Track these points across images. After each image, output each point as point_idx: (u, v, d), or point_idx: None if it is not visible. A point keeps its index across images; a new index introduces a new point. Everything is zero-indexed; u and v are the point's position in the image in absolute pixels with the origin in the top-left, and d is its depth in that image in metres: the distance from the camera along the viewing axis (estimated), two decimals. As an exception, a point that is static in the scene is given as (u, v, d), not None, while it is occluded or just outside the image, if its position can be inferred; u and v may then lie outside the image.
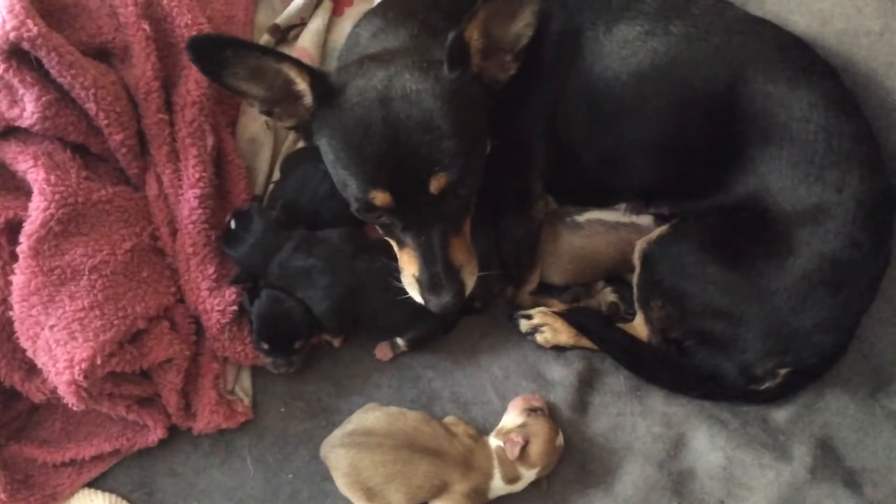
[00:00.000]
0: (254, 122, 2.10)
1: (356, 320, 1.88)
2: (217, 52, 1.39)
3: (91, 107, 1.75)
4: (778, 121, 1.67)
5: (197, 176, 1.84)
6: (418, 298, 1.57)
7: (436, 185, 1.42)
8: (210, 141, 1.88)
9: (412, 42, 1.58)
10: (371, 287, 1.80)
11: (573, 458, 1.83)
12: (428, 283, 1.52)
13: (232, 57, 1.39)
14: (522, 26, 1.47)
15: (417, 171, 1.42)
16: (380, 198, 1.44)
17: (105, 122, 1.78)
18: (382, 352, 1.96)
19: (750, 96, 1.68)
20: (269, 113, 1.52)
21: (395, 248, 1.62)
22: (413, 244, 1.53)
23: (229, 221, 1.84)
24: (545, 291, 2.04)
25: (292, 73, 1.44)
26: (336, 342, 1.97)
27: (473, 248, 1.63)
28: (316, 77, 1.45)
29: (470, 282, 1.58)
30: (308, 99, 1.48)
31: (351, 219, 1.68)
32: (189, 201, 1.84)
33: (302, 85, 1.45)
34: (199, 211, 1.83)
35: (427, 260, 1.51)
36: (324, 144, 1.51)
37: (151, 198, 1.89)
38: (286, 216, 1.87)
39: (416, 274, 1.54)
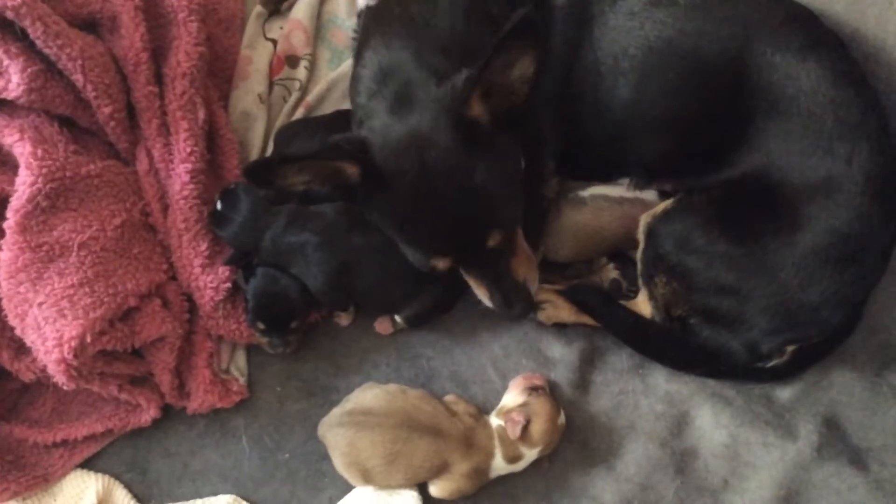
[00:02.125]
0: (247, 96, 2.07)
1: (352, 296, 1.85)
2: (273, 172, 1.43)
3: (78, 78, 1.71)
4: (786, 93, 1.65)
5: (188, 150, 1.79)
6: (493, 308, 1.70)
7: (493, 240, 1.54)
8: (201, 114, 1.84)
9: (426, 101, 1.51)
10: (367, 262, 1.76)
11: (574, 437, 1.82)
12: (500, 303, 1.66)
13: (288, 169, 1.43)
14: (524, 69, 1.44)
15: (473, 236, 1.53)
16: (441, 263, 1.55)
17: (93, 94, 1.74)
18: (382, 326, 1.93)
19: (757, 68, 1.66)
20: (306, 189, 1.52)
21: (462, 273, 1.68)
22: (478, 276, 1.66)
23: (215, 202, 1.80)
24: (547, 268, 1.98)
25: (342, 166, 1.47)
26: (343, 320, 1.94)
27: (531, 252, 1.74)
28: (364, 163, 1.47)
29: (534, 286, 1.71)
30: (356, 179, 1.50)
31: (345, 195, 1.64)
32: (180, 176, 1.80)
33: (351, 170, 1.48)
34: (191, 186, 1.79)
35: (496, 286, 1.64)
36: (375, 218, 1.58)
37: (142, 172, 1.86)
38: (275, 193, 1.80)
39: (487, 295, 1.67)
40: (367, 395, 1.73)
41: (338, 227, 1.76)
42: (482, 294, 1.68)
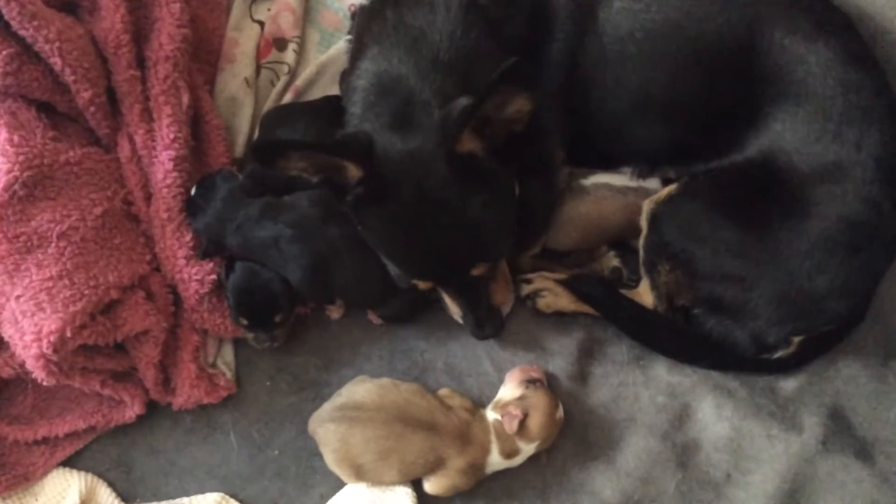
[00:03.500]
0: (233, 80, 2.02)
1: (331, 290, 1.80)
2: (280, 154, 1.40)
3: (56, 62, 1.66)
4: (795, 76, 1.63)
5: (172, 136, 1.75)
6: (461, 323, 1.73)
7: (477, 271, 1.57)
8: (185, 99, 1.80)
9: (425, 125, 1.48)
10: (344, 254, 1.70)
11: (573, 431, 1.79)
12: (472, 324, 1.69)
13: (294, 154, 1.40)
14: (520, 107, 1.44)
15: (457, 265, 1.55)
16: (423, 285, 1.60)
17: (72, 78, 1.69)
18: (371, 315, 1.90)
19: (765, 51, 1.64)
20: (300, 177, 1.49)
21: (438, 290, 1.70)
22: (455, 297, 1.68)
23: (191, 189, 1.75)
24: (547, 256, 1.98)
25: (349, 166, 1.45)
26: (334, 313, 1.91)
27: (510, 276, 1.79)
28: (370, 169, 1.45)
29: (508, 309, 1.78)
30: (354, 178, 1.47)
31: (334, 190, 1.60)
32: (164, 164, 1.75)
33: (354, 171, 1.46)
34: (175, 174, 1.74)
35: (471, 308, 1.67)
36: (364, 225, 1.57)
37: (124, 160, 1.80)
38: (253, 183, 1.76)
39: (460, 314, 1.70)
40: (359, 390, 1.70)
41: (312, 219, 1.70)
42: (454, 311, 1.72)
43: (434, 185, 1.45)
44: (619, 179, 1.92)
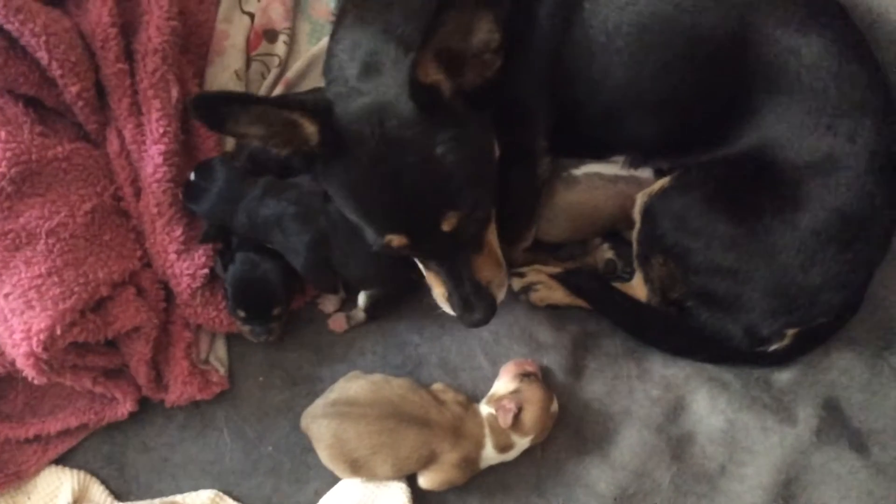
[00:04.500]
0: (223, 73, 2.00)
1: (332, 268, 1.78)
2: (224, 108, 1.34)
3: (43, 56, 1.64)
4: (787, 68, 1.61)
5: (161, 130, 1.73)
6: (451, 313, 1.59)
7: (448, 224, 1.42)
8: (175, 92, 1.77)
9: (391, 69, 1.47)
10: (343, 231, 1.68)
11: (568, 424, 1.79)
12: (458, 304, 1.55)
13: (238, 110, 1.34)
14: (485, 34, 1.36)
15: (427, 215, 1.42)
16: (395, 241, 1.45)
17: (59, 72, 1.67)
18: (337, 323, 1.88)
19: (758, 43, 1.61)
20: (264, 145, 1.45)
21: (422, 267, 1.61)
22: (437, 269, 1.55)
23: (189, 175, 1.74)
24: (539, 248, 1.96)
25: (301, 120, 1.39)
26: (329, 305, 1.89)
27: (501, 257, 1.63)
28: (324, 122, 1.40)
29: (500, 293, 1.59)
30: (314, 140, 1.42)
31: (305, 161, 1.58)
32: (153, 158, 1.73)
33: (310, 129, 1.40)
34: (165, 168, 1.73)
35: (454, 283, 1.53)
36: (331, 189, 1.50)
37: (113, 155, 1.79)
38: (253, 164, 1.76)
39: (445, 294, 1.57)
40: (352, 386, 1.69)
41: (314, 196, 1.70)
42: (440, 295, 1.59)
43: (396, 123, 1.38)
44: (611, 168, 1.90)
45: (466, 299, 1.53)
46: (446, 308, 1.60)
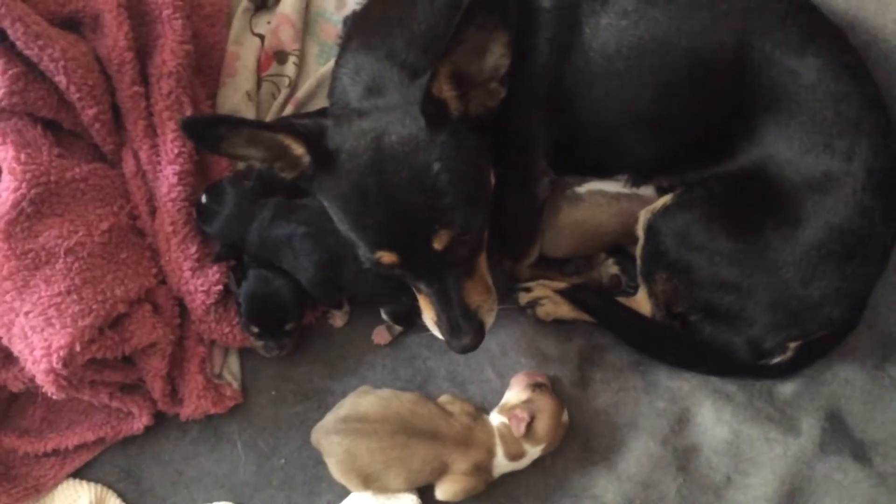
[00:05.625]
0: (235, 94, 2.03)
1: (343, 290, 1.81)
2: (211, 131, 1.38)
3: (61, 80, 1.68)
4: (786, 89, 1.63)
5: (176, 151, 1.77)
6: (440, 337, 1.59)
7: (439, 242, 1.42)
8: (189, 113, 1.81)
9: (395, 91, 1.51)
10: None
11: (575, 436, 1.80)
12: (446, 328, 1.54)
13: (227, 132, 1.37)
14: (497, 58, 1.40)
15: (418, 232, 1.42)
16: (386, 257, 1.45)
17: (77, 95, 1.71)
18: (380, 336, 1.91)
19: (757, 64, 1.63)
20: (270, 168, 1.49)
21: (415, 291, 1.61)
22: (427, 291, 1.54)
23: (201, 197, 1.78)
24: (545, 264, 1.98)
25: (288, 142, 1.42)
26: (338, 321, 1.92)
27: (491, 282, 1.63)
28: (312, 144, 1.42)
29: (489, 318, 1.59)
30: (306, 160, 1.45)
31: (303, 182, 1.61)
32: (168, 178, 1.77)
33: (299, 150, 1.43)
34: (179, 188, 1.76)
35: (443, 307, 1.53)
36: (326, 205, 1.51)
37: (129, 175, 1.83)
38: (262, 185, 1.78)
39: (435, 318, 1.56)
40: (363, 402, 1.70)
41: (324, 218, 1.68)
42: (430, 318, 1.58)
43: (396, 138, 1.39)
44: (613, 186, 1.92)
45: (455, 323, 1.52)
46: (436, 332, 1.59)
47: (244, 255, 1.82)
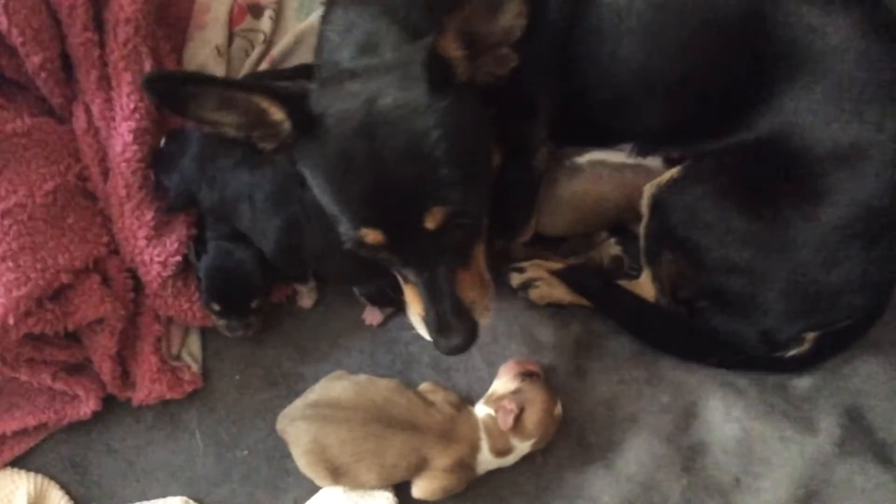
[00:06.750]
0: (203, 48, 1.93)
1: (303, 259, 1.72)
2: (178, 90, 1.26)
3: (2, 21, 1.58)
4: (811, 50, 1.55)
5: (132, 106, 1.68)
6: (427, 337, 1.48)
7: (431, 221, 1.30)
8: (148, 66, 1.72)
9: (393, 50, 1.42)
10: (319, 224, 1.59)
11: (570, 431, 1.73)
12: (434, 325, 1.42)
13: (196, 92, 1.26)
14: (512, 17, 1.29)
15: (409, 208, 1.30)
16: (371, 236, 1.32)
17: (20, 39, 1.62)
18: (372, 316, 1.83)
19: (779, 21, 1.56)
20: (247, 138, 1.38)
21: (400, 281, 1.50)
22: (416, 281, 1.42)
23: (160, 142, 1.71)
24: (541, 243, 1.92)
25: (266, 104, 1.30)
26: (305, 300, 1.84)
27: (489, 277, 1.52)
28: (293, 106, 1.31)
29: (484, 318, 1.46)
30: (287, 126, 1.34)
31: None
32: (123, 136, 1.68)
33: (278, 115, 1.32)
34: (135, 147, 1.68)
35: (432, 299, 1.40)
36: (307, 175, 1.39)
37: (79, 131, 1.75)
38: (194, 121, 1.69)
39: (422, 313, 1.44)
40: (335, 387, 1.64)
41: (290, 178, 1.62)
42: (416, 312, 1.46)
43: (391, 100, 1.29)
44: (617, 156, 1.85)
45: (444, 319, 1.40)
46: (422, 330, 1.48)
47: (203, 214, 1.74)
